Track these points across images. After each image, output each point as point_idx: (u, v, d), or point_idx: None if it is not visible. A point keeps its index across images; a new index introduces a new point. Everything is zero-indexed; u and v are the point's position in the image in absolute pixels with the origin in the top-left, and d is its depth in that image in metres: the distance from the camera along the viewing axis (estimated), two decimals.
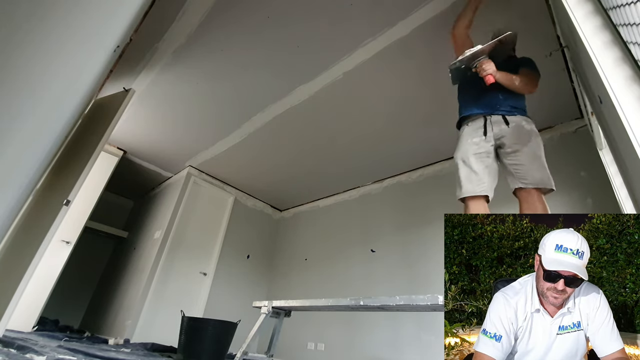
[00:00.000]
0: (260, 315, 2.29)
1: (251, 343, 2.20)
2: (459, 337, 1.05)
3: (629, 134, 0.79)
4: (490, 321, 0.92)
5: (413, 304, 1.62)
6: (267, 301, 2.31)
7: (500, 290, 0.96)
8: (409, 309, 1.72)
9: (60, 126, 1.68)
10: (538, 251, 0.94)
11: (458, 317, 1.08)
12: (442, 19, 2.16)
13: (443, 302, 1.61)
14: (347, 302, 1.86)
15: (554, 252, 0.91)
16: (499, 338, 0.90)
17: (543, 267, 0.91)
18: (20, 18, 0.86)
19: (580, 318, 0.88)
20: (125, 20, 1.77)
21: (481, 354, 0.89)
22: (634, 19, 0.82)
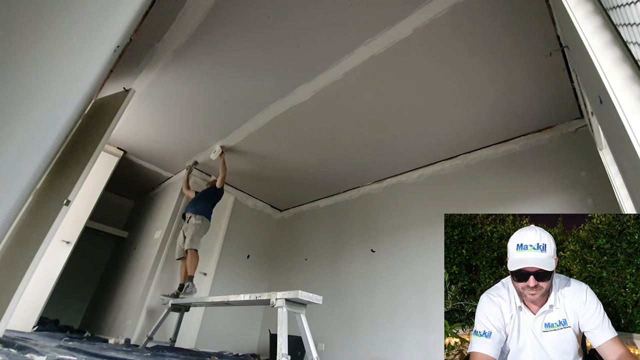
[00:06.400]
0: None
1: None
2: (458, 337, 1.05)
3: (629, 134, 0.79)
4: (478, 321, 0.95)
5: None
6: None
7: (485, 292, 0.99)
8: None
9: (60, 126, 1.68)
10: (507, 255, 0.97)
11: (458, 317, 1.08)
12: (442, 19, 2.16)
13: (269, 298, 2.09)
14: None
15: (516, 252, 0.94)
16: (488, 334, 0.92)
17: (509, 269, 0.94)
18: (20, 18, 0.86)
19: (566, 315, 0.90)
20: (125, 20, 1.77)
21: (475, 353, 0.91)
22: (634, 19, 0.82)
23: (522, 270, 0.91)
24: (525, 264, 0.91)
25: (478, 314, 0.95)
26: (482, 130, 3.13)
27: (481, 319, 0.94)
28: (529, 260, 0.91)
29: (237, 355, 3.50)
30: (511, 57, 2.37)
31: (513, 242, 0.95)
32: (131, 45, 2.60)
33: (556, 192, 2.74)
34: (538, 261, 0.90)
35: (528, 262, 0.91)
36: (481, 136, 3.21)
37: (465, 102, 2.81)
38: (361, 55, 2.52)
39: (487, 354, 0.89)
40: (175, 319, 3.37)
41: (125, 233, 5.10)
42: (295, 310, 2.09)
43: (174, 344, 3.22)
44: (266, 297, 2.16)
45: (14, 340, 1.96)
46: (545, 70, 2.43)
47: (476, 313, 0.96)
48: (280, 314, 2.00)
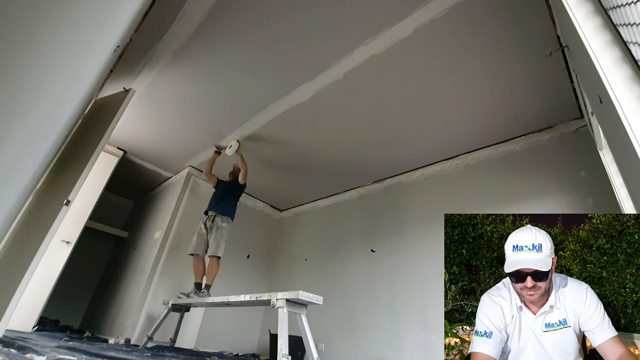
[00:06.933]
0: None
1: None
2: (458, 337, 1.05)
3: (629, 134, 0.79)
4: (479, 321, 0.95)
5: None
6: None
7: (486, 292, 0.99)
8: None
9: (60, 126, 1.68)
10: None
11: (458, 317, 1.08)
12: (442, 19, 2.16)
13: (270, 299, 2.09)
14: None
15: (512, 253, 0.95)
16: (489, 334, 0.92)
17: (505, 271, 0.94)
18: (20, 18, 0.86)
19: (566, 315, 0.90)
20: (125, 20, 1.77)
21: (476, 353, 0.91)
22: (634, 19, 0.82)
23: (518, 271, 0.91)
24: (520, 265, 0.91)
25: (479, 314, 0.95)
26: (482, 130, 3.13)
27: (482, 319, 0.94)
28: (524, 261, 0.91)
29: (237, 355, 3.50)
30: (511, 57, 2.38)
31: (509, 243, 0.95)
32: (131, 45, 2.60)
33: (556, 192, 2.74)
34: (534, 262, 0.90)
35: (524, 263, 0.91)
36: (481, 136, 3.21)
37: (465, 102, 2.81)
38: (361, 55, 2.52)
39: (488, 354, 0.89)
40: (175, 319, 3.37)
41: (125, 233, 5.10)
42: (296, 310, 2.08)
43: (174, 344, 3.22)
44: (267, 298, 2.15)
45: (14, 340, 1.96)
46: (545, 70, 2.43)
47: (477, 313, 0.96)
48: (280, 314, 2.00)
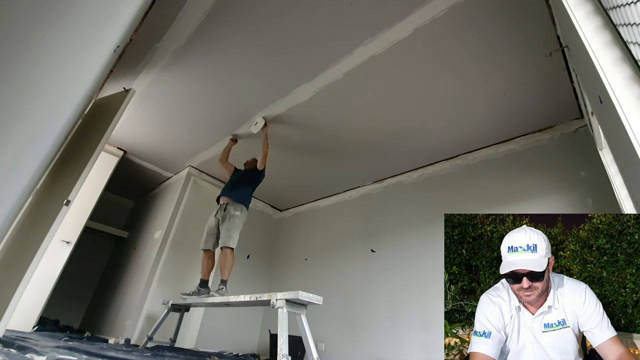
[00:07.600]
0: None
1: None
2: (458, 337, 1.05)
3: (629, 134, 0.78)
4: (478, 322, 0.95)
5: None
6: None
7: (485, 292, 0.99)
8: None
9: (60, 126, 1.68)
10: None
11: (458, 317, 1.08)
12: (442, 19, 2.16)
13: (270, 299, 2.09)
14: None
15: (507, 254, 0.95)
16: (488, 334, 0.92)
17: (501, 272, 0.95)
18: (20, 18, 0.86)
19: (565, 315, 0.90)
20: (125, 20, 1.77)
21: (474, 353, 0.91)
22: (634, 19, 0.82)
23: (514, 272, 0.91)
24: (516, 266, 0.91)
25: (478, 314, 0.95)
26: (482, 130, 3.13)
27: (481, 319, 0.94)
28: (519, 262, 0.91)
29: (237, 355, 3.50)
30: (511, 57, 2.37)
31: (504, 244, 0.95)
32: (131, 45, 2.60)
33: (556, 192, 2.74)
34: (528, 262, 0.90)
35: (518, 264, 0.91)
36: (481, 136, 3.21)
37: (465, 101, 2.81)
38: (361, 55, 2.52)
39: (487, 354, 0.89)
40: (175, 319, 3.37)
41: (125, 233, 5.10)
42: (296, 310, 2.08)
43: (174, 344, 3.22)
44: (266, 298, 2.15)
45: (14, 340, 1.96)
46: (545, 70, 2.43)
47: (476, 313, 0.96)
48: (280, 314, 2.00)
